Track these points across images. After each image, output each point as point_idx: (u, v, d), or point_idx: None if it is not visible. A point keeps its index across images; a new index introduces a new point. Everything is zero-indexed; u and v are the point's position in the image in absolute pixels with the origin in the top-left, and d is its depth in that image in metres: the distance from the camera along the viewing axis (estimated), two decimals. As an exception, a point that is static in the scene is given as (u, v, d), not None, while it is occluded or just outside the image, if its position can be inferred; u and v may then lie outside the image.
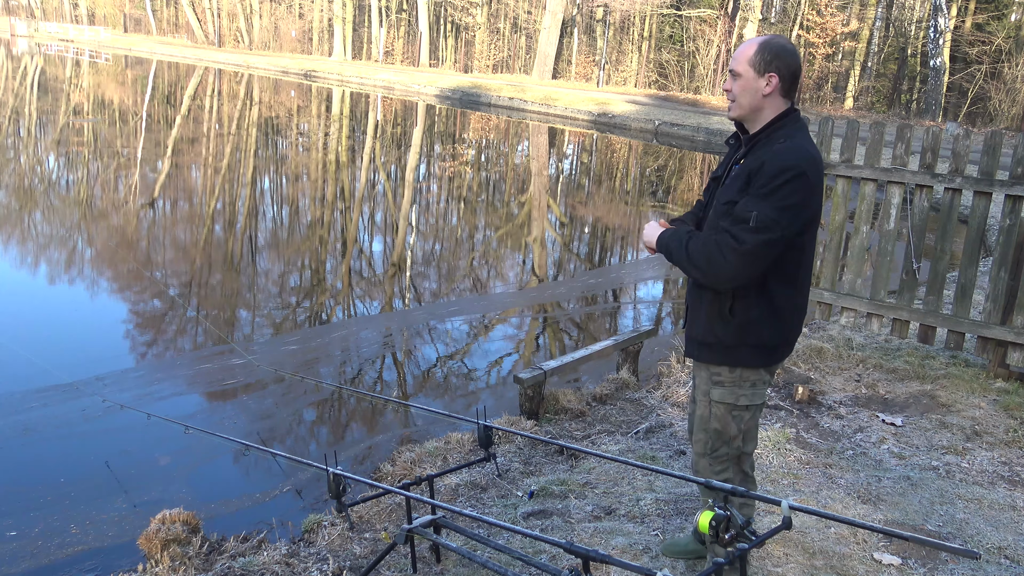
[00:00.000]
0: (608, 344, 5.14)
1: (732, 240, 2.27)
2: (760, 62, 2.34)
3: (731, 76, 2.42)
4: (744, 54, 2.37)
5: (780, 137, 2.35)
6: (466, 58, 45.09)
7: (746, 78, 2.36)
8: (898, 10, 34.08)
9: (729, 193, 2.37)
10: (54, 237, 8.73)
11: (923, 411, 4.44)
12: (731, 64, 2.42)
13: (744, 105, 2.39)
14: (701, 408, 2.54)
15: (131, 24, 66.29)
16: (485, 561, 2.56)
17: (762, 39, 2.37)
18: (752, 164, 2.34)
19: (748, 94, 2.37)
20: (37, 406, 4.66)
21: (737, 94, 2.39)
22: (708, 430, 2.53)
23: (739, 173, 2.38)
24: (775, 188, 2.25)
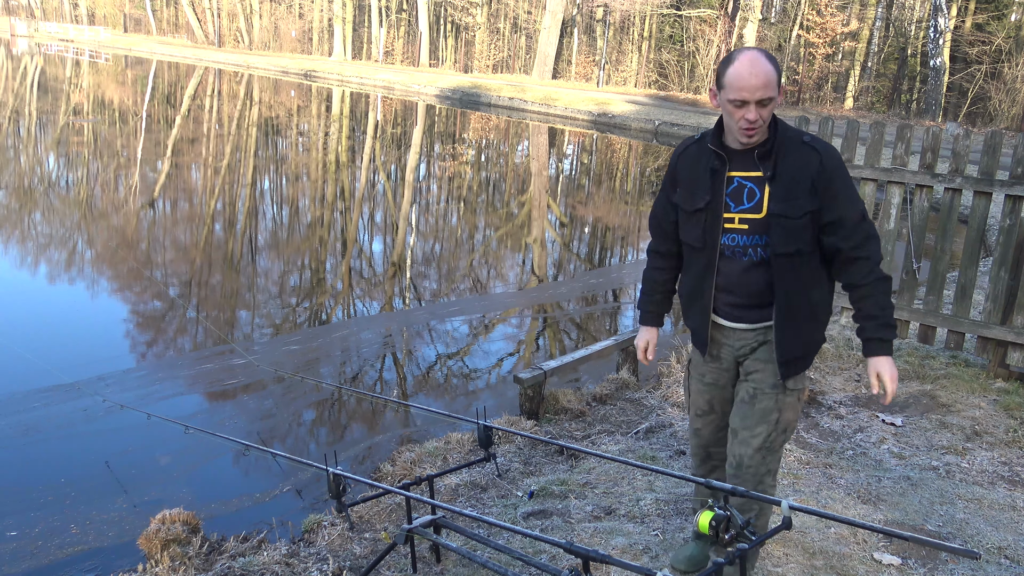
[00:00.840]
0: (608, 344, 5.14)
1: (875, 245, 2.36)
2: (780, 79, 2.29)
3: (760, 106, 2.25)
4: (772, 78, 2.23)
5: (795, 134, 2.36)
6: (466, 58, 45.09)
7: (776, 99, 2.27)
8: (898, 10, 34.09)
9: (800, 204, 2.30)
10: (55, 237, 8.73)
11: (923, 411, 4.44)
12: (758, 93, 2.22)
13: (767, 124, 2.32)
14: (765, 401, 2.46)
15: (131, 24, 66.29)
16: (485, 561, 2.56)
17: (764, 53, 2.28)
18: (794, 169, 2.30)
19: (771, 114, 2.31)
20: (39, 406, 4.66)
21: (768, 117, 2.29)
22: (774, 422, 2.47)
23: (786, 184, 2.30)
24: (848, 178, 2.34)
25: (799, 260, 2.35)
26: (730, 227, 2.40)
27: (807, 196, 2.29)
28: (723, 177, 2.38)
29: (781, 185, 2.31)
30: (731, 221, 2.40)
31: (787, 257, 2.34)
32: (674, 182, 2.53)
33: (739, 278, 2.43)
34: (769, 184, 2.33)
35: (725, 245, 2.42)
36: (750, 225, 2.37)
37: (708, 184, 2.40)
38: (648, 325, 2.77)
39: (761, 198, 2.35)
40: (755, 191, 2.36)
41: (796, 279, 2.37)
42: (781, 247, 2.33)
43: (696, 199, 2.44)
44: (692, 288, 2.56)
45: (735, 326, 2.51)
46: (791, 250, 2.33)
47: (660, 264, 2.70)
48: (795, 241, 2.32)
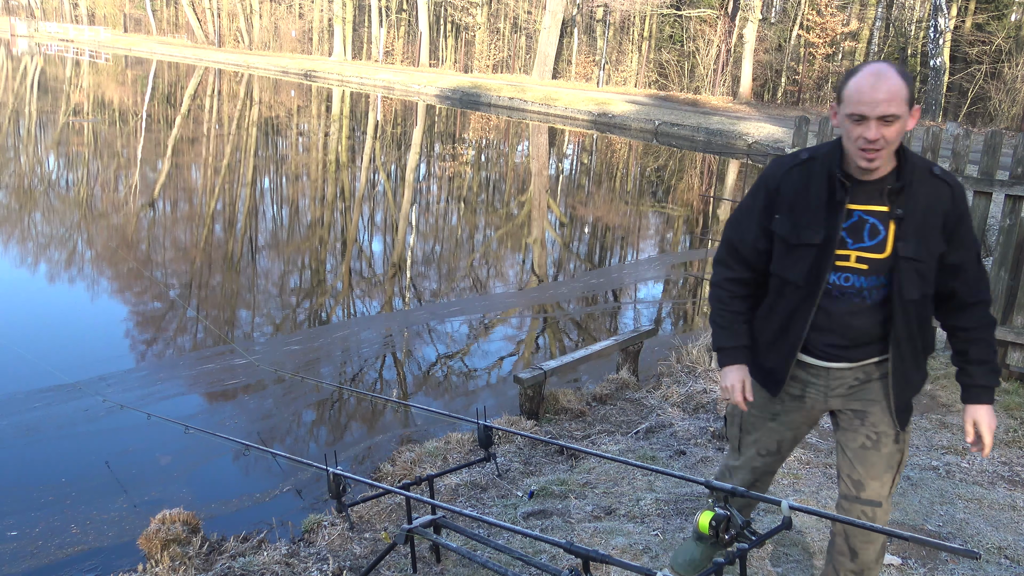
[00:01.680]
0: (608, 344, 5.14)
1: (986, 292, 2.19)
2: (911, 97, 1.98)
3: (882, 123, 1.95)
4: (900, 94, 1.94)
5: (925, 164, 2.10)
6: (466, 58, 45.09)
7: (904, 118, 1.97)
8: (898, 10, 34.09)
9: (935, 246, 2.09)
10: (56, 237, 8.73)
11: (923, 411, 4.44)
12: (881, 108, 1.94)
13: (893, 149, 2.02)
14: (888, 447, 2.22)
15: (131, 24, 66.29)
16: (485, 561, 2.56)
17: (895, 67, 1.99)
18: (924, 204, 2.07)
19: (900, 137, 2.00)
20: (40, 406, 4.66)
21: (893, 141, 1.98)
22: (896, 465, 2.26)
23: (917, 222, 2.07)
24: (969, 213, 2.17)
25: (923, 305, 2.14)
26: (843, 265, 2.12)
27: (938, 236, 2.07)
28: (842, 210, 2.09)
29: (912, 224, 2.06)
30: (845, 259, 2.11)
31: (913, 303, 2.11)
32: (773, 207, 2.20)
33: (844, 319, 2.16)
34: (896, 222, 2.07)
35: (833, 284, 2.14)
36: (870, 265, 2.10)
37: (823, 216, 2.10)
38: (739, 363, 2.35)
39: (885, 236, 2.08)
40: (878, 228, 2.08)
41: (915, 325, 2.14)
42: (909, 292, 2.09)
43: (807, 232, 2.13)
44: (778, 326, 2.26)
45: (833, 366, 2.24)
46: (918, 296, 2.10)
47: (741, 293, 2.34)
48: (924, 285, 2.10)
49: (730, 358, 2.35)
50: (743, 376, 2.34)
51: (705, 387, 4.86)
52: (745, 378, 2.34)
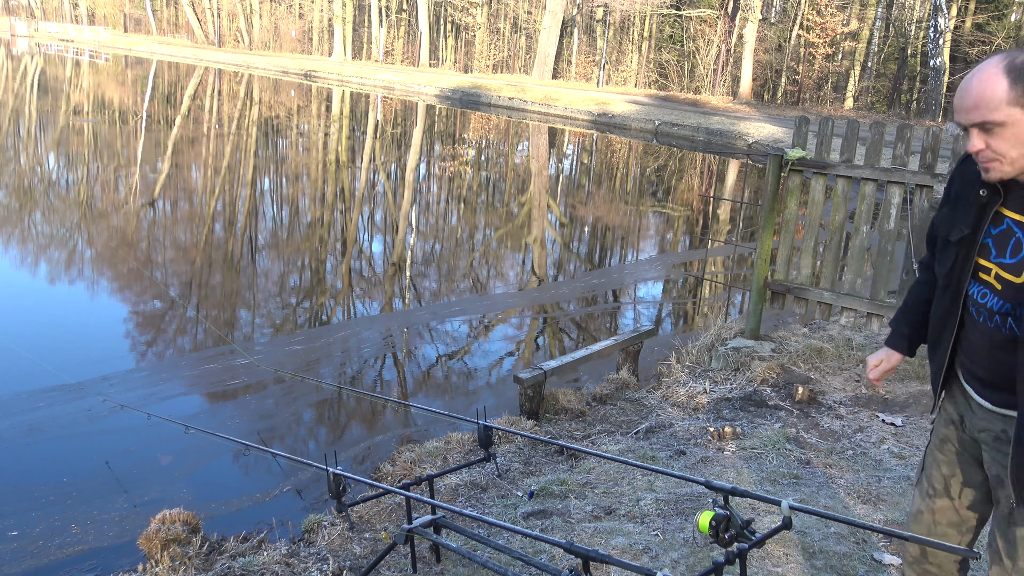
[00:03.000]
0: (608, 344, 5.14)
1: None
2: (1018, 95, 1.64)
3: (982, 132, 1.68)
4: (990, 95, 1.64)
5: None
6: (466, 58, 45.09)
7: (1016, 121, 1.64)
8: (898, 10, 34.09)
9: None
10: (58, 238, 8.73)
11: (923, 411, 4.44)
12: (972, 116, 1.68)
13: (1019, 159, 1.67)
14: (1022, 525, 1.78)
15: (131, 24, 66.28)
16: (485, 561, 2.56)
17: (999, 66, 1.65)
18: None
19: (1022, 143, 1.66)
20: (41, 406, 4.67)
21: (1005, 149, 1.67)
22: None
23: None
24: None
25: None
26: (984, 278, 1.82)
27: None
28: (991, 211, 1.79)
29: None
30: (987, 272, 1.81)
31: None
32: (947, 197, 1.97)
33: (982, 346, 1.84)
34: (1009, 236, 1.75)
35: (972, 298, 1.85)
36: (1004, 287, 1.76)
37: (972, 213, 1.83)
38: (890, 346, 2.16)
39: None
40: (1021, 242, 1.74)
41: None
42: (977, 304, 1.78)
43: (954, 227, 1.88)
44: (935, 329, 1.99)
45: (976, 400, 1.89)
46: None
47: (925, 278, 2.10)
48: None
49: (888, 339, 2.18)
50: (882, 356, 2.16)
51: (705, 387, 4.86)
52: (886, 360, 2.14)
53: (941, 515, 2.02)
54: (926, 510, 2.04)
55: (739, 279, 8.60)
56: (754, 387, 4.78)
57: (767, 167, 5.21)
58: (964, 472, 1.95)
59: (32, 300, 6.68)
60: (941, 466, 2.00)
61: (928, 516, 2.04)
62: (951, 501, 1.99)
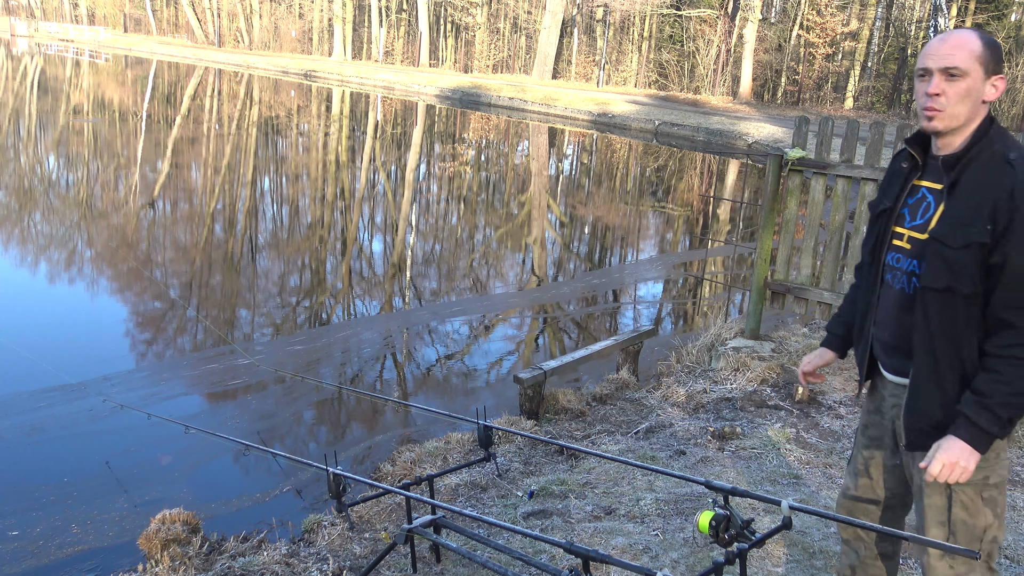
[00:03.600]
0: (608, 344, 5.14)
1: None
2: (991, 59, 1.83)
3: (945, 76, 1.83)
4: (967, 47, 1.82)
5: (1006, 149, 1.85)
6: (466, 58, 45.09)
7: (974, 78, 1.82)
8: (898, 10, 34.09)
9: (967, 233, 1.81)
10: (58, 238, 8.73)
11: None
12: (944, 60, 1.83)
13: (961, 115, 1.85)
14: (934, 497, 1.94)
15: (131, 24, 66.29)
16: (485, 561, 2.56)
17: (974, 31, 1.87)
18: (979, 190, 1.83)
19: (970, 100, 1.84)
20: (43, 406, 4.67)
21: (955, 100, 1.83)
22: (951, 523, 1.95)
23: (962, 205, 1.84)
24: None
25: (950, 300, 1.84)
26: (898, 244, 1.98)
27: (980, 224, 1.80)
28: (909, 184, 1.98)
29: (955, 203, 1.86)
30: (900, 237, 1.98)
31: (935, 293, 1.85)
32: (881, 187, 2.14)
33: (891, 311, 1.99)
34: (945, 199, 1.88)
35: (889, 265, 2.00)
36: (912, 246, 1.93)
37: (896, 188, 2.01)
38: (825, 346, 2.30)
39: (932, 215, 1.91)
40: (931, 205, 1.92)
41: (944, 324, 1.86)
42: (929, 279, 1.87)
43: (880, 200, 2.06)
44: (861, 305, 2.13)
45: (887, 377, 2.05)
46: (941, 285, 1.84)
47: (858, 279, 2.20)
48: (952, 277, 1.82)
49: (823, 340, 2.32)
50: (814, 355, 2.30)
51: (705, 387, 4.86)
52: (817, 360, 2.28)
53: (863, 492, 2.17)
54: (851, 487, 2.19)
55: (739, 279, 8.60)
56: (754, 387, 4.78)
57: (767, 167, 5.21)
58: (882, 455, 2.11)
59: (33, 300, 6.69)
60: (863, 448, 2.15)
61: (852, 492, 2.19)
62: (870, 481, 2.15)
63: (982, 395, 1.81)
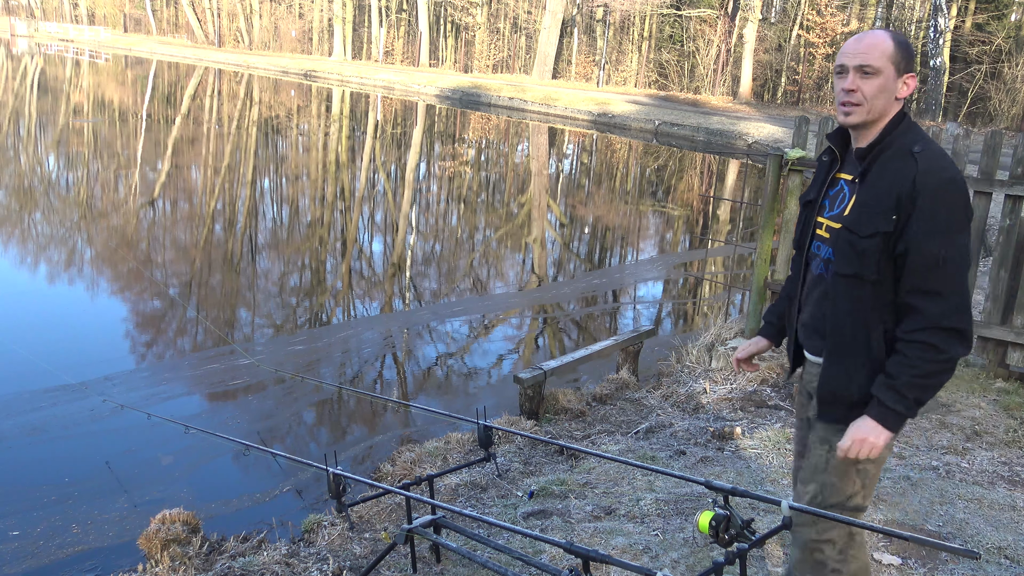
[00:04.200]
0: (608, 344, 5.14)
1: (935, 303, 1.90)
2: (902, 59, 1.97)
3: (860, 74, 1.97)
4: (881, 47, 1.96)
5: (911, 143, 1.97)
6: (466, 58, 45.09)
7: (887, 76, 1.96)
8: (898, 10, 34.10)
9: (873, 222, 1.94)
10: (61, 239, 8.73)
11: (923, 411, 4.45)
12: (859, 58, 1.97)
13: (875, 110, 1.98)
14: (816, 457, 2.14)
15: (131, 24, 66.29)
16: (485, 561, 2.56)
17: (888, 32, 2.01)
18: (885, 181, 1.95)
19: (883, 97, 1.97)
20: (44, 406, 4.67)
21: (871, 95, 1.96)
22: (822, 483, 2.13)
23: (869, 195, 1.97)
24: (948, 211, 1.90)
25: (857, 285, 1.98)
26: (819, 233, 2.13)
27: (884, 213, 1.93)
28: (830, 177, 2.14)
29: (865, 194, 1.99)
30: (820, 227, 2.12)
31: (843, 279, 2.00)
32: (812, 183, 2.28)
33: (813, 295, 2.14)
34: (856, 190, 2.03)
35: (812, 253, 2.15)
36: (830, 235, 2.08)
37: (820, 180, 2.17)
38: (761, 335, 2.43)
39: (847, 205, 2.05)
40: (846, 196, 2.07)
41: (852, 308, 2.00)
42: (839, 265, 2.02)
43: (807, 193, 2.21)
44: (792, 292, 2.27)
45: (809, 357, 2.20)
46: (849, 272, 1.99)
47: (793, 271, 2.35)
48: (856, 263, 1.97)
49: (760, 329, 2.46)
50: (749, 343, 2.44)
51: (705, 387, 4.86)
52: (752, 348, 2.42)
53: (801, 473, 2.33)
54: (795, 468, 2.38)
55: (739, 279, 8.60)
56: (754, 387, 4.78)
57: (767, 167, 5.21)
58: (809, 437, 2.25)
59: (34, 301, 6.69)
60: (799, 430, 2.34)
61: (795, 473, 2.38)
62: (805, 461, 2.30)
63: (890, 377, 1.95)
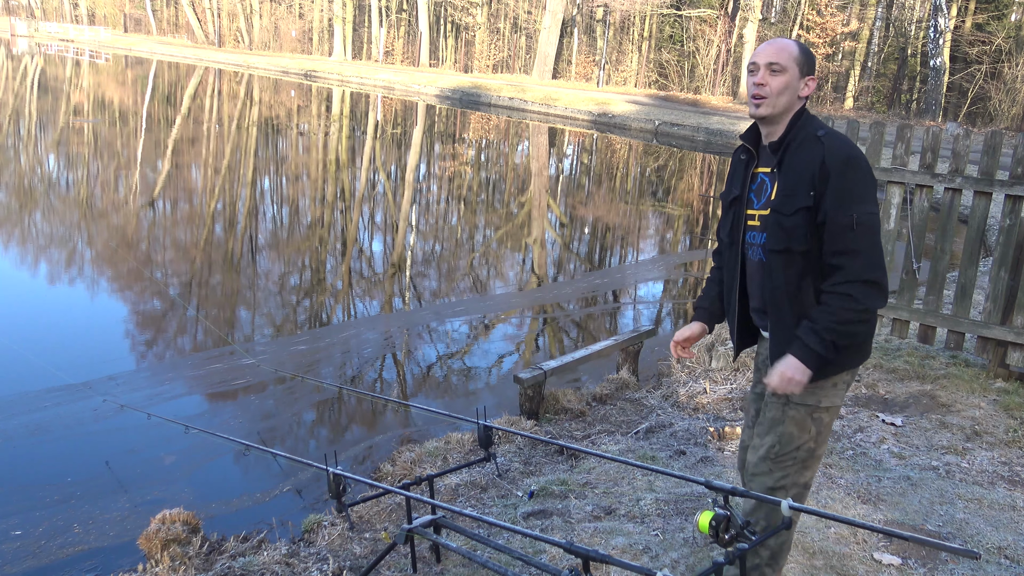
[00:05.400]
0: (608, 344, 5.15)
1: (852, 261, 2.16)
2: (805, 63, 2.25)
3: (769, 70, 2.23)
4: (788, 50, 2.25)
5: (815, 130, 2.24)
6: (466, 58, 45.09)
7: (791, 75, 2.23)
8: (898, 10, 34.09)
9: (794, 200, 2.21)
10: (62, 240, 8.73)
11: (923, 411, 4.45)
12: (769, 57, 2.24)
13: (780, 104, 2.24)
14: (773, 411, 2.36)
15: (131, 24, 66.31)
16: (485, 561, 2.56)
17: (795, 41, 2.29)
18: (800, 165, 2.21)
19: (788, 93, 2.24)
20: (45, 406, 4.67)
21: (777, 90, 2.23)
22: (780, 433, 2.34)
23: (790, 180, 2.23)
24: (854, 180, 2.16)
25: (789, 259, 2.25)
26: (751, 224, 2.36)
27: (804, 192, 2.19)
28: (750, 173, 2.36)
29: (785, 179, 2.25)
30: (752, 218, 2.36)
31: (777, 254, 2.27)
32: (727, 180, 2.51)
33: (756, 280, 2.38)
34: (777, 178, 2.28)
35: (747, 243, 2.39)
36: (761, 222, 2.33)
37: (740, 178, 2.39)
38: (696, 319, 2.62)
39: (771, 193, 2.30)
40: (768, 187, 2.31)
41: (787, 279, 2.27)
42: (772, 244, 2.27)
43: (730, 191, 2.43)
44: (728, 283, 2.50)
45: (763, 334, 2.46)
46: (780, 247, 2.25)
47: (720, 264, 2.59)
48: (786, 239, 2.24)
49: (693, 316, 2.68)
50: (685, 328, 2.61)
51: (705, 387, 4.86)
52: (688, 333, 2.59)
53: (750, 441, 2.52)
54: (745, 439, 2.56)
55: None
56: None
57: (767, 167, 5.21)
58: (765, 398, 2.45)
59: (35, 301, 6.69)
60: (752, 403, 2.55)
61: (745, 443, 2.56)
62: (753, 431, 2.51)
63: (813, 321, 2.22)
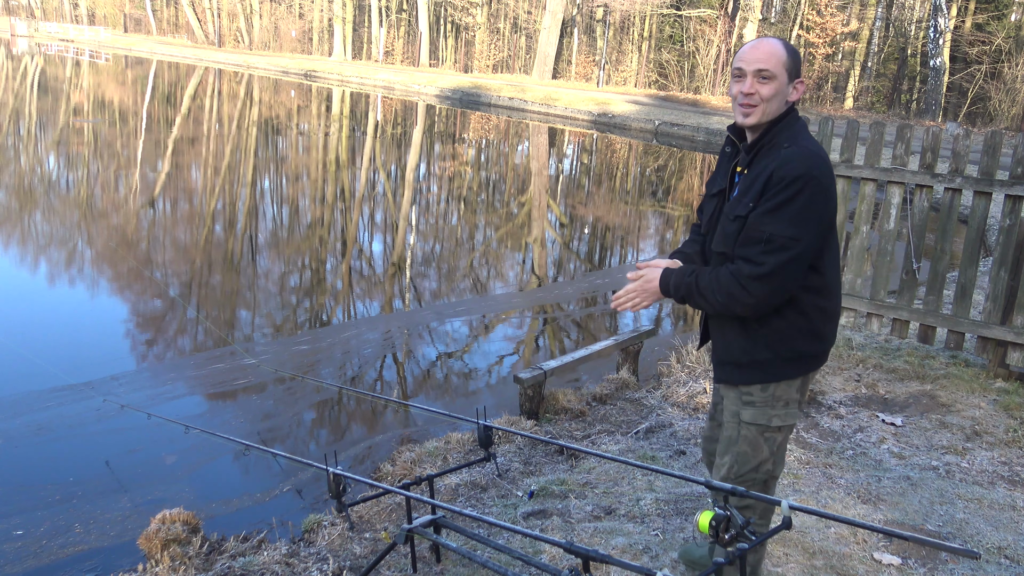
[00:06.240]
0: (608, 344, 5.15)
1: (749, 266, 2.13)
2: (793, 67, 2.20)
3: (758, 78, 2.17)
4: (776, 55, 2.17)
5: (784, 141, 2.18)
6: (466, 58, 45.09)
7: (780, 81, 2.18)
8: (898, 10, 34.08)
9: (738, 207, 2.20)
10: (62, 240, 8.73)
11: (923, 411, 4.45)
12: (758, 64, 2.17)
13: (770, 112, 2.20)
14: (729, 430, 2.36)
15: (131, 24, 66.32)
16: (485, 561, 2.56)
17: (780, 41, 2.23)
18: (758, 173, 2.18)
19: (778, 100, 2.19)
20: (47, 406, 4.67)
21: (767, 98, 2.17)
22: (736, 453, 2.34)
23: (746, 185, 2.21)
24: (787, 200, 2.09)
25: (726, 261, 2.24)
26: None
27: (747, 201, 2.17)
28: (733, 170, 2.33)
29: (743, 184, 2.24)
30: None
31: (717, 255, 2.27)
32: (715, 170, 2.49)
33: None
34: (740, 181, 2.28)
35: None
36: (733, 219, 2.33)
37: (725, 173, 2.37)
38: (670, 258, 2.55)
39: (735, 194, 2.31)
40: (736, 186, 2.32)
41: None
42: (715, 243, 2.29)
43: (716, 184, 2.41)
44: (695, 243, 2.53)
45: None
46: (719, 249, 2.26)
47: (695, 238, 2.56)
48: (723, 243, 2.24)
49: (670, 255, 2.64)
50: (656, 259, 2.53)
51: (705, 387, 4.86)
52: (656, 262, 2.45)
53: (712, 433, 2.59)
54: (706, 429, 2.64)
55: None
56: (754, 387, 4.78)
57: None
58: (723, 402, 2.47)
59: (36, 301, 6.69)
60: (713, 395, 2.59)
61: (705, 434, 2.64)
62: (717, 423, 2.56)
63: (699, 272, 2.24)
